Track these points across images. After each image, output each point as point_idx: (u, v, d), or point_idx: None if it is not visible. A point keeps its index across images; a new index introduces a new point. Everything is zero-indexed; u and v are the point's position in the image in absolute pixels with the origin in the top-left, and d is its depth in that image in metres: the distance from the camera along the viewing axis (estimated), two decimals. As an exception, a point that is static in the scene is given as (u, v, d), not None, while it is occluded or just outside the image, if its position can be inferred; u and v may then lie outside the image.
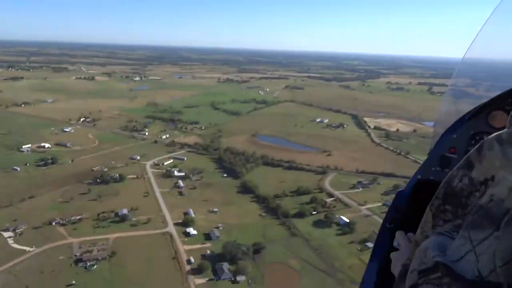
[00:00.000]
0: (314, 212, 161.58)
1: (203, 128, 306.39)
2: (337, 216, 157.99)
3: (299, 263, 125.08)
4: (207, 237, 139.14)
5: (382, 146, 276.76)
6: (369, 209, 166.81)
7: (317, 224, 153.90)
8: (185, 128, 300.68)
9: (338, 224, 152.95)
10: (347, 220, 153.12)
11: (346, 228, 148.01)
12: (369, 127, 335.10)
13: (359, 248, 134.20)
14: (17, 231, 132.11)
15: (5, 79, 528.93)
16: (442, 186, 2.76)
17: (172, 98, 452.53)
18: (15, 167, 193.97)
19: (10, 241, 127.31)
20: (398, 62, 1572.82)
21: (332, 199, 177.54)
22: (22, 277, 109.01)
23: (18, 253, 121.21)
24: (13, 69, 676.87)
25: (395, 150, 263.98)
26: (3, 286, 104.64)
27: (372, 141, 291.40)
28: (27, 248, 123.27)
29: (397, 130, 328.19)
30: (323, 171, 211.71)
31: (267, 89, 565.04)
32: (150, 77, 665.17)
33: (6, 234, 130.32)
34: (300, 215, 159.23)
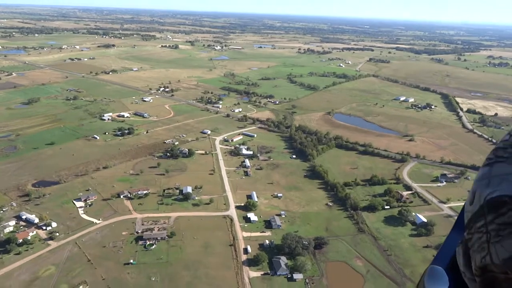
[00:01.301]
0: (387, 207, 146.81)
1: (277, 102, 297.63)
2: (413, 213, 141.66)
3: (364, 265, 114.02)
4: (268, 224, 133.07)
5: (475, 133, 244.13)
6: (451, 208, 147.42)
7: (389, 220, 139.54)
8: (259, 102, 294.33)
9: (413, 223, 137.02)
10: (424, 220, 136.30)
11: (423, 229, 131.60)
12: (461, 109, 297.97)
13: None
14: (88, 201, 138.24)
15: (99, 46, 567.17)
16: None
17: (250, 69, 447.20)
18: (95, 136, 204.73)
19: (81, 211, 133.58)
20: (505, 31, 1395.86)
21: (409, 192, 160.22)
22: (86, 250, 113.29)
23: (86, 224, 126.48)
24: (107, 36, 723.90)
25: (490, 138, 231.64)
26: (67, 258, 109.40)
27: (463, 126, 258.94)
28: (95, 220, 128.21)
29: (495, 114, 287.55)
30: (402, 159, 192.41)
31: (349, 62, 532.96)
32: (230, 46, 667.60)
33: (78, 204, 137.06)
34: (371, 208, 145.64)
